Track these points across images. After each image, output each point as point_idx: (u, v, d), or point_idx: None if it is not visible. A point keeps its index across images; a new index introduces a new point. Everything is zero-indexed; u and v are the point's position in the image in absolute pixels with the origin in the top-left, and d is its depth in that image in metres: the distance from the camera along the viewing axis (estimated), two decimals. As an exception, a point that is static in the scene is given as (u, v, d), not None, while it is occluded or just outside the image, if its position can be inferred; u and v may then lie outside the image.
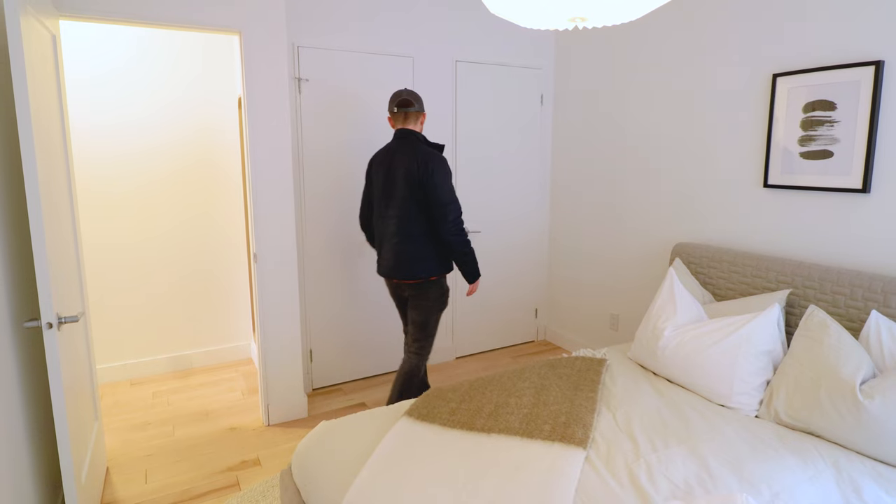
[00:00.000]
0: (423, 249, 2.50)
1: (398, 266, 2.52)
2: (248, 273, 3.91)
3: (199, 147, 3.63)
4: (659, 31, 3.06)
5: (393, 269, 2.55)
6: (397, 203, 2.49)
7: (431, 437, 1.77)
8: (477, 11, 3.58)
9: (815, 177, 2.33)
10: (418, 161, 2.44)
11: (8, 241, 1.82)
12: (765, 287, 2.39)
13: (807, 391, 1.85)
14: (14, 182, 1.96)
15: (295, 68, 3.04)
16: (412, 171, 2.44)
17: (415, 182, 2.44)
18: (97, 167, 3.37)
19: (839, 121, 2.23)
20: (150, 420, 3.01)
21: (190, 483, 2.41)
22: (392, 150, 2.54)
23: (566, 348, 4.06)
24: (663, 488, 1.52)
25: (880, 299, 1.99)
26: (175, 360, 3.72)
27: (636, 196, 3.32)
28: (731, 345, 2.08)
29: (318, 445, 1.79)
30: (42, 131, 1.78)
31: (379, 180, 2.58)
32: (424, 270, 2.51)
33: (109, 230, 3.45)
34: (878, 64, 2.08)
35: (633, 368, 2.41)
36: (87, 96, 3.29)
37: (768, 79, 2.52)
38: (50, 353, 1.70)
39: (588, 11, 1.35)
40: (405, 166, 2.46)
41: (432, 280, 2.56)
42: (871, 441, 1.67)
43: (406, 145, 2.51)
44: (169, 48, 3.47)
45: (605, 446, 1.74)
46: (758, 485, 1.53)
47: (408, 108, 2.52)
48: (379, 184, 2.58)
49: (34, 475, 1.88)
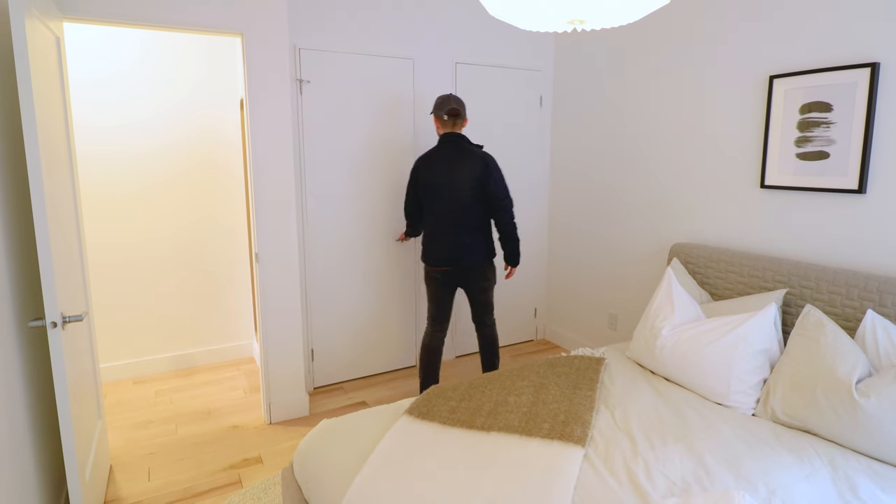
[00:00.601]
0: (481, 239, 2.85)
1: (462, 255, 2.82)
2: (250, 273, 3.93)
3: (201, 148, 3.65)
4: (657, 33, 3.08)
5: (456, 259, 2.83)
6: (459, 199, 2.77)
7: (431, 435, 1.78)
8: (477, 14, 3.60)
9: (812, 177, 2.35)
10: (479, 162, 2.76)
11: (13, 241, 1.83)
12: (762, 287, 2.41)
13: (803, 390, 1.86)
14: (19, 183, 1.98)
15: (296, 70, 3.06)
16: (475, 171, 2.75)
17: (477, 180, 2.75)
18: (101, 168, 3.39)
19: (835, 122, 2.24)
20: (152, 418, 3.03)
21: (192, 481, 2.43)
22: (447, 153, 2.80)
23: (565, 347, 4.08)
24: (661, 486, 1.53)
25: (876, 299, 2.01)
26: (178, 359, 3.74)
27: (634, 197, 3.34)
28: (729, 344, 2.09)
29: (320, 443, 1.81)
30: (46, 132, 1.79)
31: (439, 180, 2.79)
32: (485, 256, 2.88)
33: (113, 231, 3.46)
34: (874, 66, 2.09)
35: (631, 367, 2.42)
36: (91, 97, 3.31)
37: (765, 80, 2.53)
38: (54, 352, 1.71)
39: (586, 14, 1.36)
40: (468, 167, 2.76)
41: (486, 264, 2.91)
42: (866, 439, 1.69)
43: (460, 149, 2.80)
44: (172, 50, 3.48)
45: (603, 444, 1.75)
46: (755, 482, 1.54)
47: (457, 118, 2.82)
48: (438, 184, 2.79)
49: (38, 472, 1.89)
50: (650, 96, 3.16)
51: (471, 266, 2.85)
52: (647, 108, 3.20)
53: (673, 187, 3.07)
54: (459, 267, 2.85)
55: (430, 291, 2.95)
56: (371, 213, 3.43)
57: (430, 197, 2.84)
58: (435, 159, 2.82)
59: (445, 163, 2.79)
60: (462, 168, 2.76)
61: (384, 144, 3.41)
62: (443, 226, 2.82)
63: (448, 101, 2.80)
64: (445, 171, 2.78)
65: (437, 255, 2.85)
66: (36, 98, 1.66)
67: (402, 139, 3.47)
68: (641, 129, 3.25)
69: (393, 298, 3.60)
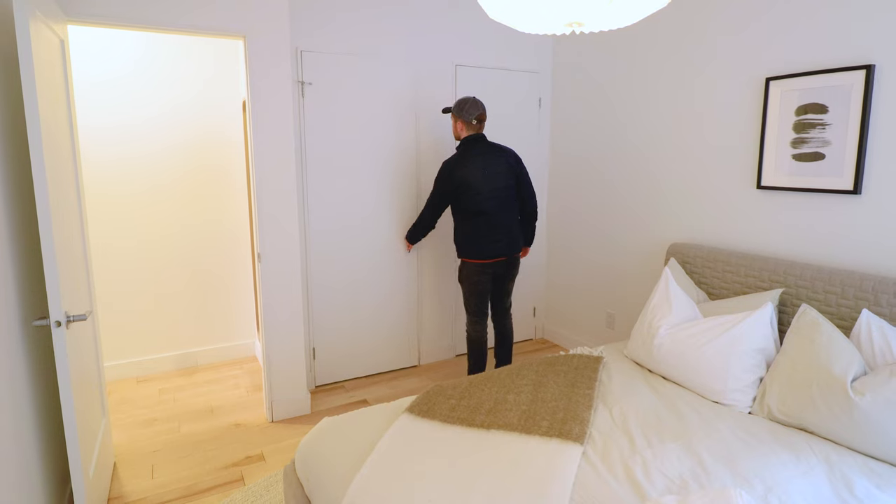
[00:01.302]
0: (519, 226, 3.09)
1: (515, 243, 3.02)
2: (252, 273, 3.95)
3: (204, 149, 3.67)
4: (654, 35, 3.10)
5: (512, 248, 3.02)
6: (503, 191, 2.94)
7: (432, 432, 1.80)
8: (476, 17, 3.62)
9: (808, 178, 2.37)
10: (511, 155, 2.98)
11: (17, 241, 1.85)
12: (758, 286, 2.43)
13: (799, 388, 1.88)
14: (24, 184, 2.00)
15: (298, 72, 3.08)
16: (511, 166, 2.96)
17: (512, 171, 2.96)
18: (105, 169, 3.41)
19: (831, 123, 2.26)
20: (156, 416, 3.06)
21: (195, 478, 2.45)
22: (480, 151, 2.93)
23: (564, 346, 4.10)
24: (658, 483, 1.54)
25: (871, 298, 2.02)
26: (181, 357, 3.76)
27: (632, 197, 3.36)
28: (725, 343, 2.11)
29: (321, 441, 1.82)
30: (50, 134, 1.80)
31: (482, 177, 2.90)
32: (524, 243, 3.16)
33: (117, 231, 3.49)
34: (869, 68, 2.11)
35: (629, 366, 2.44)
36: (96, 99, 3.33)
37: (761, 82, 2.55)
38: (58, 351, 1.73)
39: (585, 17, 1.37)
40: (503, 161, 2.94)
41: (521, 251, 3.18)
42: (861, 437, 1.70)
43: (489, 146, 2.96)
44: (176, 52, 3.50)
45: (601, 442, 1.77)
46: (751, 480, 1.55)
47: (482, 122, 2.99)
48: (482, 180, 2.90)
49: (43, 469, 1.91)
50: (648, 98, 3.18)
51: (517, 253, 3.06)
52: (644, 110, 3.22)
53: (670, 188, 3.09)
54: (511, 255, 3.03)
55: (479, 286, 3.03)
56: (372, 212, 3.45)
57: (473, 195, 2.90)
58: (470, 159, 2.91)
59: (483, 160, 2.91)
60: (498, 163, 2.92)
61: (385, 145, 3.43)
62: (494, 219, 2.94)
63: (476, 105, 2.93)
64: (485, 168, 2.90)
65: (493, 248, 2.96)
66: (41, 100, 1.68)
67: (402, 140, 3.48)
68: (639, 131, 3.27)
69: (394, 298, 3.62)
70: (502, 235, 2.96)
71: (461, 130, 2.97)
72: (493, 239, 2.95)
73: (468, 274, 3.03)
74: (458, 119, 2.95)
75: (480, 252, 2.96)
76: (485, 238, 2.94)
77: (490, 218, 2.93)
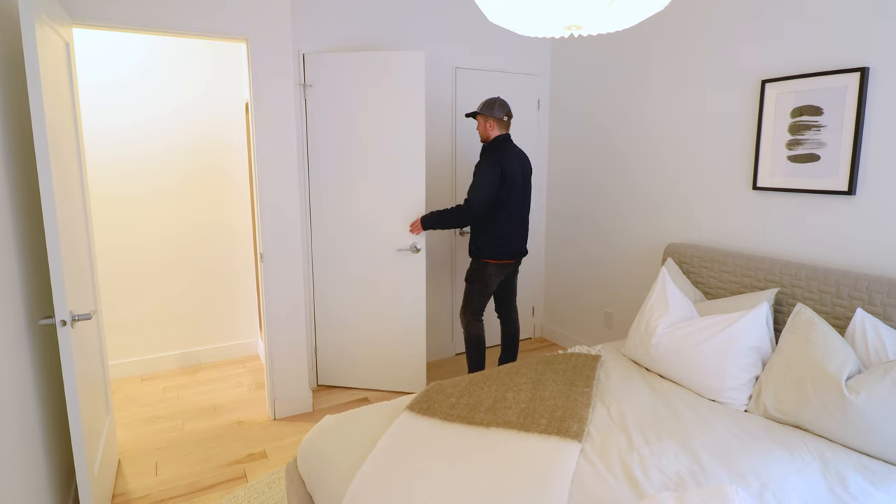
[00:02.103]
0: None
1: (524, 245, 3.08)
2: (255, 272, 3.97)
3: (208, 151, 3.70)
4: (652, 38, 3.12)
5: (523, 248, 3.08)
6: (526, 192, 3.02)
7: (432, 430, 1.82)
8: (476, 20, 3.64)
9: (803, 179, 2.39)
10: (526, 158, 3.04)
11: (23, 241, 1.87)
12: (754, 286, 2.45)
13: (794, 386, 1.89)
14: (29, 184, 2.02)
15: (300, 74, 3.11)
16: (530, 165, 3.05)
17: (530, 172, 3.06)
18: (109, 170, 3.44)
19: (826, 125, 2.28)
20: (160, 414, 3.08)
21: (198, 475, 2.47)
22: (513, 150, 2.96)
23: (562, 345, 4.12)
24: (656, 480, 1.55)
25: (865, 297, 2.04)
26: (184, 356, 3.79)
27: (630, 198, 3.38)
28: (722, 341, 2.13)
29: (323, 439, 1.84)
30: (56, 135, 1.82)
31: (518, 175, 2.94)
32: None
33: (121, 231, 3.51)
34: (864, 70, 2.13)
35: (626, 364, 2.46)
36: (100, 101, 3.36)
37: (757, 84, 2.57)
38: (64, 350, 1.74)
39: (584, 20, 1.38)
40: (527, 162, 3.04)
41: None
42: (856, 434, 1.72)
43: (516, 146, 3.00)
44: (178, 55, 3.53)
45: (599, 439, 1.78)
46: (747, 477, 1.57)
47: (510, 119, 3.03)
48: (518, 179, 2.94)
49: (48, 467, 1.93)
50: (645, 100, 3.20)
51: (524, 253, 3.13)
52: (642, 112, 3.24)
53: (667, 189, 3.11)
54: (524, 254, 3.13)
55: (492, 287, 3.06)
56: (374, 212, 3.47)
57: (509, 193, 2.92)
58: (510, 156, 2.93)
59: (517, 159, 2.95)
60: (525, 163, 3.00)
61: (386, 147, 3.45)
62: (520, 219, 3.01)
63: (504, 103, 2.95)
64: (519, 167, 2.94)
65: (516, 247, 3.03)
66: (46, 102, 1.69)
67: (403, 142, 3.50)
68: (637, 133, 3.29)
69: (396, 297, 3.63)
70: (523, 235, 3.05)
71: (491, 129, 2.95)
72: (516, 237, 3.01)
73: (488, 274, 3.01)
74: (489, 118, 2.92)
75: (509, 252, 2.99)
76: (511, 236, 2.98)
77: (519, 217, 2.99)
